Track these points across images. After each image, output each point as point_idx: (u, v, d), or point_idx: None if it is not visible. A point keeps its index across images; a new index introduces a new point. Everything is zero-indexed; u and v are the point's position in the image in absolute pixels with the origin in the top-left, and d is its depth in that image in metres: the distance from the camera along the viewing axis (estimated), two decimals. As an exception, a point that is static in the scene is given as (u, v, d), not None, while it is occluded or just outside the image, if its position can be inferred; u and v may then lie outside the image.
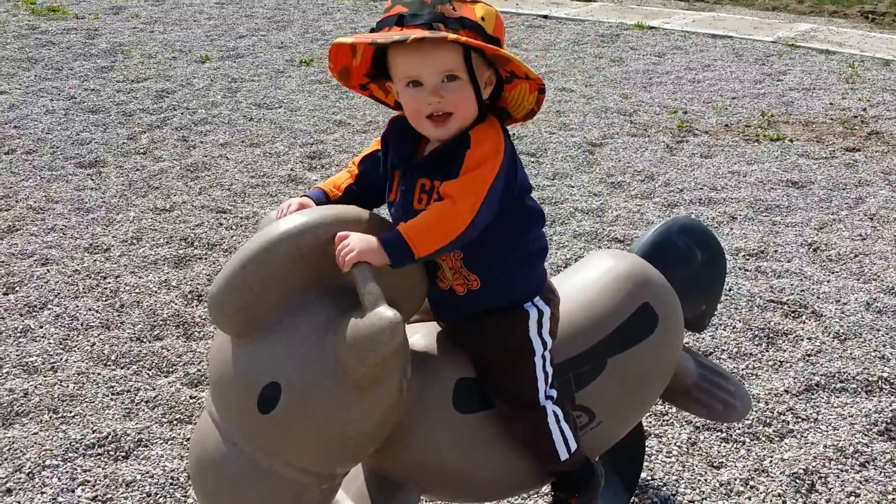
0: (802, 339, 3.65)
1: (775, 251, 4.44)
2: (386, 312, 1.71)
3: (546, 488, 2.85)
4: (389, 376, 1.83)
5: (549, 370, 2.07)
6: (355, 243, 1.78)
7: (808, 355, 3.54)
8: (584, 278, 2.33)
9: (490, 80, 1.93)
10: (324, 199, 2.00)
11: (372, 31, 1.87)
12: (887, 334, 3.70)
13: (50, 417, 3.10)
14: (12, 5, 9.41)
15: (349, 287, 1.80)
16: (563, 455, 2.11)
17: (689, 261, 2.54)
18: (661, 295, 2.35)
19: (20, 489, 2.78)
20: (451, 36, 1.78)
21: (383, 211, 2.09)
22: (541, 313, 2.05)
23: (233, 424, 1.83)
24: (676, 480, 2.87)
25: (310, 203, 1.96)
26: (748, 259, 4.36)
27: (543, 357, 2.05)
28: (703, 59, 8.03)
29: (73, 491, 2.77)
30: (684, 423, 3.14)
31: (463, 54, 1.85)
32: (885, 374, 3.41)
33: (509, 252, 2.00)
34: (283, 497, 1.85)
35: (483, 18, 1.85)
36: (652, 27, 9.13)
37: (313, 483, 1.87)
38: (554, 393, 2.10)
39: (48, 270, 4.09)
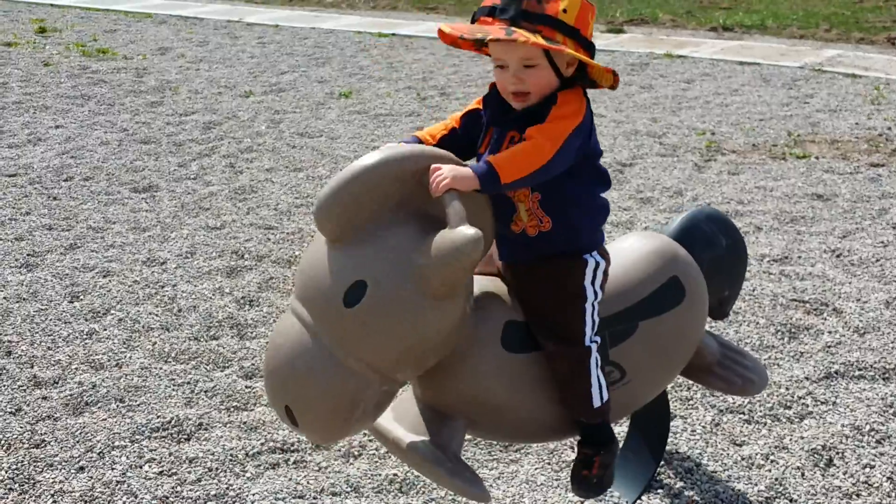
0: (823, 333, 3.82)
1: (799, 257, 4.62)
2: (469, 230, 2.00)
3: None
4: (459, 292, 2.10)
5: (596, 318, 2.32)
6: (448, 171, 2.07)
7: (828, 346, 3.71)
8: (621, 251, 2.58)
9: (572, 62, 2.24)
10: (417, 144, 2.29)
11: (473, 17, 2.22)
12: (906, 328, 3.87)
13: (117, 406, 3.36)
14: (64, 48, 9.86)
15: (434, 216, 2.08)
16: (597, 401, 2.32)
17: (714, 245, 2.76)
18: (688, 271, 2.59)
19: (92, 466, 3.04)
20: (521, 40, 2.08)
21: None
22: (597, 265, 2.32)
23: (317, 318, 2.09)
24: (700, 454, 3.05)
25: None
26: (772, 264, 4.54)
27: (593, 305, 2.31)
28: (732, 84, 8.24)
29: (140, 467, 3.03)
30: (709, 406, 3.32)
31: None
32: (902, 363, 3.58)
33: (579, 200, 2.30)
34: (348, 388, 2.09)
35: (565, 10, 2.15)
36: (681, 56, 9.36)
37: (376, 381, 2.12)
38: (598, 339, 2.33)
39: (110, 281, 4.38)
